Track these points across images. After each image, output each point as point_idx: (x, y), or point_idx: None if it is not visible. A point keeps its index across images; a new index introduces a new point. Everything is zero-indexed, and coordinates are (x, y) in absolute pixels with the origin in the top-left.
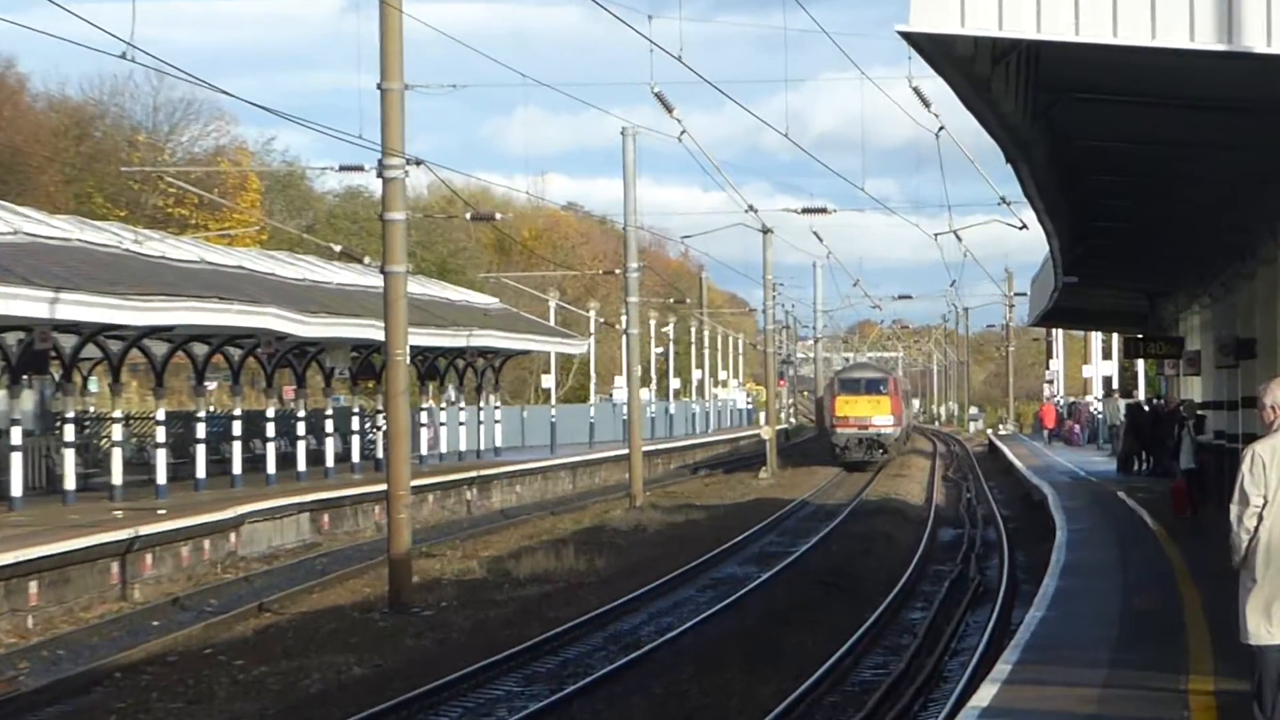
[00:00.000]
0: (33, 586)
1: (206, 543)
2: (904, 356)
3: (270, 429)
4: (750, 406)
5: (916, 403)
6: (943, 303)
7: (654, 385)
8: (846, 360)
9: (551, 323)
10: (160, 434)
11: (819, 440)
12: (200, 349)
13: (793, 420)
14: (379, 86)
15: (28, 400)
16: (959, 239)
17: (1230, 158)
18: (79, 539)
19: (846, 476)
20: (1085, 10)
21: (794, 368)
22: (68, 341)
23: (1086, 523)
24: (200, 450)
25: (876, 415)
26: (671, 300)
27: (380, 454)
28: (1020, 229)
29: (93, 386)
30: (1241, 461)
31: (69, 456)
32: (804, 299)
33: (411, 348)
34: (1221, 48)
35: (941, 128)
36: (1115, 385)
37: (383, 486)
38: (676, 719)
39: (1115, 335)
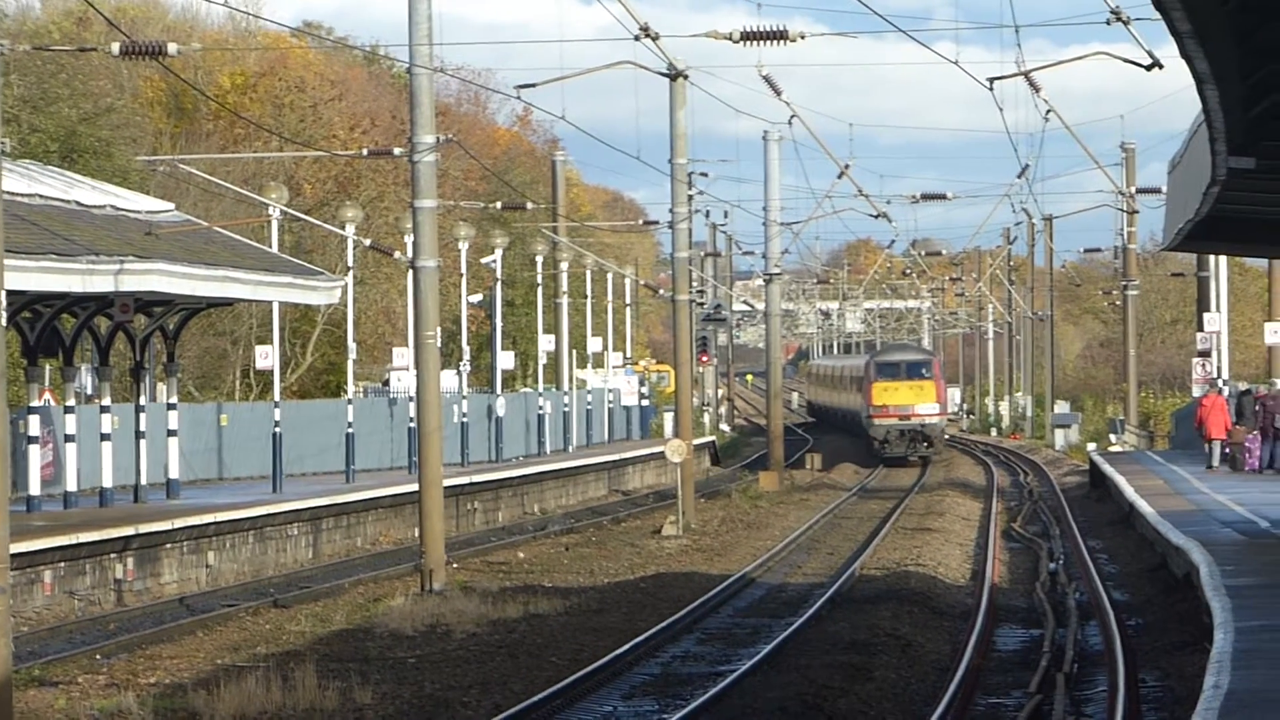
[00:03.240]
0: None
1: None
2: (934, 309)
3: None
4: (649, 403)
5: (956, 394)
6: (1005, 208)
7: (466, 364)
8: (824, 315)
9: (274, 247)
10: None
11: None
12: None
13: (727, 426)
14: None
15: None
16: (1035, 88)
17: None
18: None
19: (825, 529)
20: None
21: (730, 331)
22: None
23: (1272, 617)
24: None
25: (920, 403)
26: (500, 206)
27: None
28: (1148, 69)
29: None
30: None
31: None
32: (749, 203)
33: (13, 294)
34: None
35: None
36: None
37: None
38: None
39: None
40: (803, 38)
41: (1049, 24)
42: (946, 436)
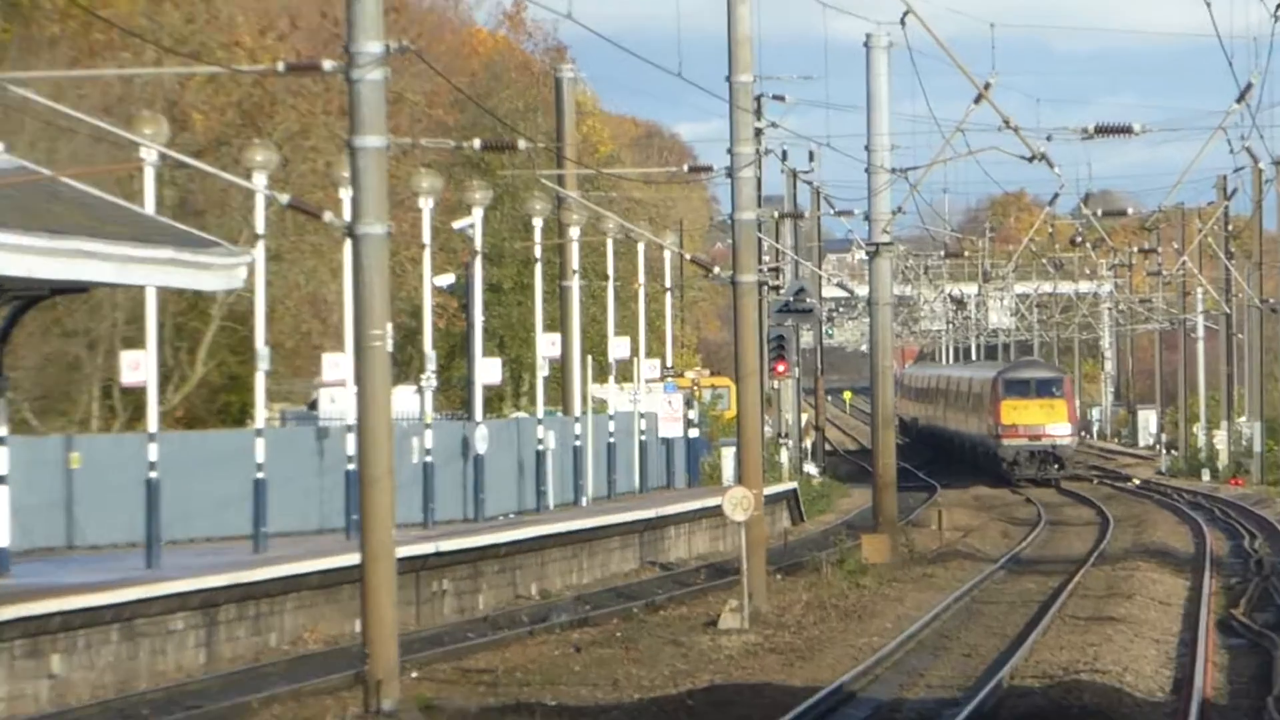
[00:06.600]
0: None
1: None
2: (1116, 294)
3: None
4: (700, 434)
5: (1152, 419)
6: (1220, 147)
7: (431, 377)
8: (957, 304)
9: (150, 208)
10: None
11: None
12: None
13: (814, 467)
14: None
15: None
16: None
17: None
18: None
19: (958, 619)
20: None
21: (818, 327)
22: None
23: None
24: None
25: (1050, 423)
26: (481, 145)
27: None
28: None
29: None
30: None
31: None
32: (845, 140)
33: None
34: None
35: None
36: None
37: None
38: None
39: None
40: None
41: None
42: (1109, 479)
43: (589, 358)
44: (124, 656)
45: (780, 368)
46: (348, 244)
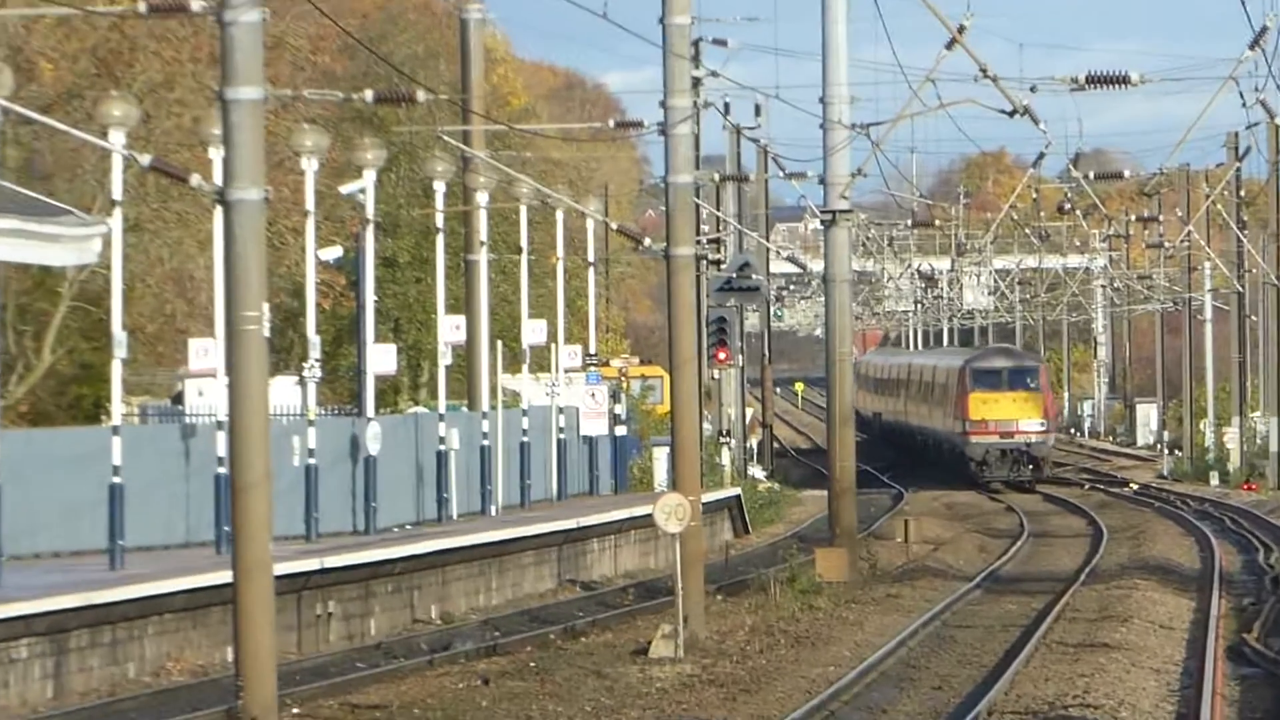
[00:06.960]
0: None
1: None
2: (1111, 269)
3: None
4: (628, 432)
5: (1152, 414)
6: (1231, 100)
7: (315, 366)
8: (927, 281)
9: None
10: None
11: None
12: None
13: (761, 471)
14: None
15: None
16: None
17: None
18: None
19: (927, 647)
20: None
21: (765, 309)
22: None
23: None
24: None
25: (1024, 418)
26: (374, 97)
27: None
28: None
29: None
30: None
31: None
32: (797, 91)
33: None
34: None
35: None
36: None
37: None
38: None
39: None
40: None
41: None
42: (1102, 484)
43: (499, 343)
44: None
45: (721, 355)
46: (218, 212)
